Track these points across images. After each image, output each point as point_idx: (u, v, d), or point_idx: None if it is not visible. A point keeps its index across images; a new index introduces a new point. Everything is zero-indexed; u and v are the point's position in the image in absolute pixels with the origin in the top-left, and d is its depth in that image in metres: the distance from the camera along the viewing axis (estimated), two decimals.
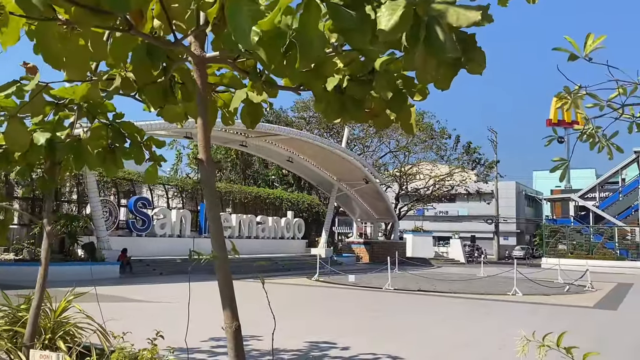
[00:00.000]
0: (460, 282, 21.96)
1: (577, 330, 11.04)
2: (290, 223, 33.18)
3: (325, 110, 3.31)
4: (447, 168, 44.94)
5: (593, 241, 38.92)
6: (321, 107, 3.30)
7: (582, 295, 18.42)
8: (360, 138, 46.71)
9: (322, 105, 3.28)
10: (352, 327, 10.49)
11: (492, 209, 60.75)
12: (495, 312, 13.63)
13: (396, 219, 40.44)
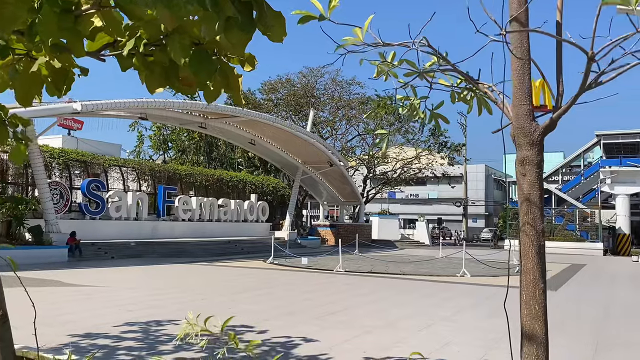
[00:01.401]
0: (415, 263, 22.11)
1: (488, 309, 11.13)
2: (254, 206, 32.93)
3: (147, 79, 3.10)
4: (414, 151, 45.06)
5: (555, 223, 39.56)
6: (142, 76, 3.08)
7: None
8: (328, 121, 46.50)
9: (143, 75, 3.07)
10: (279, 310, 10.38)
11: (462, 192, 61.39)
12: (433, 294, 13.67)
13: (362, 202, 40.50)
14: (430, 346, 7.60)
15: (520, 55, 2.47)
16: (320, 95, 46.44)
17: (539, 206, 2.59)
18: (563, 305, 12.29)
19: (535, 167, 2.59)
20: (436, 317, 10.12)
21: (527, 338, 2.66)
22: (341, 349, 7.31)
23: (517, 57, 2.48)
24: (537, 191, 2.60)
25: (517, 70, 2.59)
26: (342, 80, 45.46)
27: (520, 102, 2.63)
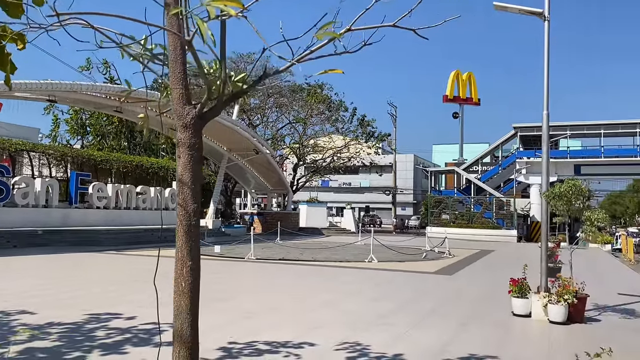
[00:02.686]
0: (330, 250, 22.47)
1: (377, 293, 11.56)
2: (176, 194, 32.26)
3: None
4: (343, 140, 45.60)
5: (473, 211, 41.30)
6: None
7: (436, 261, 19.42)
8: (258, 108, 46.13)
9: None
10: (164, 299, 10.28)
11: (392, 181, 62.85)
12: (333, 279, 13.96)
13: (290, 190, 40.63)
14: (301, 329, 7.77)
15: (172, 41, 2.51)
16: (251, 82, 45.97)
17: (191, 187, 2.68)
18: (451, 287, 12.90)
19: (188, 150, 2.68)
20: (323, 301, 10.35)
21: (175, 313, 2.77)
22: (209, 335, 7.33)
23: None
24: (189, 173, 2.69)
25: (171, 54, 2.65)
26: (272, 67, 45.14)
27: (174, 86, 2.70)
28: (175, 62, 2.68)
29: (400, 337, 7.45)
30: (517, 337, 7.88)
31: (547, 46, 9.64)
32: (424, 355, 6.49)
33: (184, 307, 2.73)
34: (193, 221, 2.77)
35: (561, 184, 9.53)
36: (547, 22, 9.58)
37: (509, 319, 9.09)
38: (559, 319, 8.70)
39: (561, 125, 42.56)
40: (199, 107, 2.77)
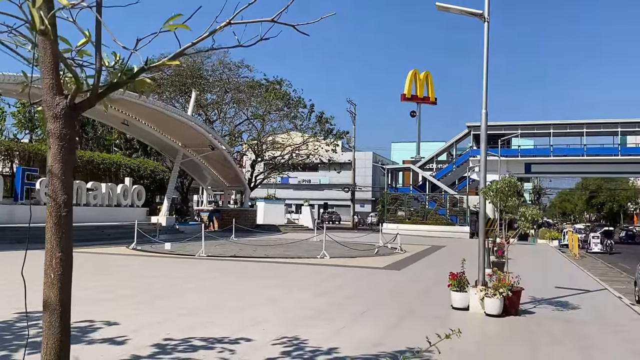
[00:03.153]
0: (284, 247, 22.49)
1: (322, 289, 11.67)
2: (128, 190, 31.59)
3: None
4: (302, 137, 45.64)
5: (428, 208, 42.07)
6: None
7: (387, 257, 19.71)
8: (216, 103, 45.63)
9: None
10: (106, 295, 10.10)
11: (351, 178, 63.32)
12: (281, 275, 14.00)
13: (247, 187, 40.40)
14: (241, 325, 7.77)
15: (41, 29, 2.48)
16: (208, 77, 45.42)
17: (61, 179, 2.67)
18: (397, 282, 13.13)
19: (58, 140, 2.67)
20: (268, 298, 10.37)
21: (44, 305, 2.77)
22: (145, 331, 7.26)
23: (38, 32, 2.50)
24: (59, 164, 2.69)
25: (40, 44, 2.63)
26: (230, 62, 44.78)
27: (44, 76, 2.69)
28: (45, 51, 2.63)
29: (339, 332, 7.55)
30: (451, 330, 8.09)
31: (487, 47, 9.92)
32: (359, 349, 6.60)
33: (53, 298, 2.70)
34: (63, 212, 2.73)
35: (497, 181, 9.84)
36: (487, 23, 9.86)
37: (448, 312, 9.34)
38: (495, 312, 8.99)
39: (512, 124, 43.86)
40: (69, 97, 2.74)
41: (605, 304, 11.17)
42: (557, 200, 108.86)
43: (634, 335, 8.12)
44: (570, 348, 7.13)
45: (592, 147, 42.67)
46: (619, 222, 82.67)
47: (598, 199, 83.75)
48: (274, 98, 43.90)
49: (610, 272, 22.18)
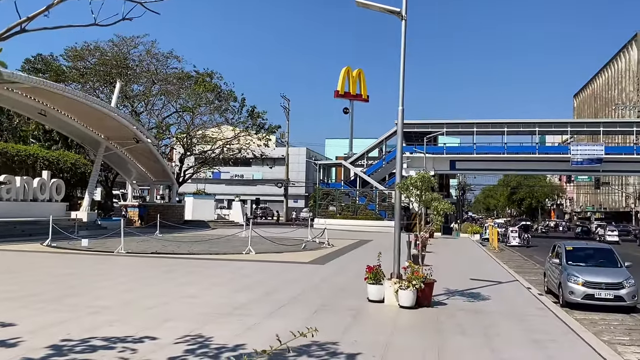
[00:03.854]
0: (210, 242, 22.04)
1: (241, 284, 11.54)
2: (46, 184, 29.84)
3: None
4: (233, 132, 44.94)
5: (358, 203, 42.68)
6: None
7: (314, 251, 19.77)
8: (142, 94, 44.01)
9: None
10: (8, 295, 9.47)
11: (285, 174, 63.18)
12: (201, 272, 13.69)
13: (174, 182, 39.32)
14: (149, 323, 7.48)
15: None
16: (135, 67, 43.73)
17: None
18: (319, 276, 13.17)
19: None
20: (184, 294, 10.08)
21: None
22: (43, 332, 6.83)
23: None
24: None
25: None
26: (158, 52, 43.32)
27: None
28: None
29: (251, 327, 7.44)
30: (363, 322, 8.19)
31: (404, 45, 10.09)
32: (266, 344, 6.48)
33: None
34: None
35: (412, 176, 10.06)
36: (404, 21, 10.02)
37: (363, 305, 9.45)
38: (408, 304, 9.19)
39: (438, 123, 45.29)
40: None
41: (515, 295, 11.71)
42: (481, 197, 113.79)
43: (536, 324, 8.53)
44: (475, 337, 7.39)
45: (512, 146, 44.84)
46: (537, 218, 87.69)
47: (518, 195, 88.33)
48: (204, 90, 42.93)
49: (525, 264, 23.41)
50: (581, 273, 12.56)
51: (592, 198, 77.44)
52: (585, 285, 12.19)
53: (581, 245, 15.14)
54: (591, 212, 75.96)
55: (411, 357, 6.37)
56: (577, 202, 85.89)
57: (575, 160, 42.11)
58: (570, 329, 8.22)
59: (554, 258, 14.28)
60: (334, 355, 6.09)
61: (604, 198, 73.17)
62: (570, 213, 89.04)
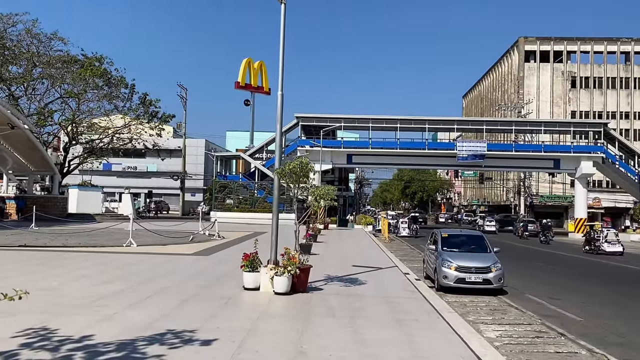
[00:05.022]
0: (89, 235, 20.73)
1: (110, 276, 10.94)
2: None
3: None
4: (123, 120, 42.59)
5: (257, 196, 42.34)
6: None
7: (202, 243, 19.24)
8: (21, 77, 40.36)
9: None
10: None
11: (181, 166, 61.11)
12: (73, 264, 12.76)
13: (56, 172, 36.55)
14: None
15: None
16: (13, 47, 39.95)
17: None
18: (199, 267, 12.78)
19: None
20: (43, 287, 9.25)
21: None
22: None
23: None
24: None
25: None
26: (40, 33, 39.90)
27: None
28: None
29: (106, 319, 6.95)
30: (232, 309, 7.99)
31: (283, 29, 9.96)
32: (122, 334, 6.09)
33: None
34: None
35: (291, 162, 10.00)
36: (284, 4, 9.89)
37: (237, 293, 9.24)
38: (282, 290, 9.10)
39: (336, 117, 46.08)
40: None
41: (391, 280, 12.08)
42: (378, 191, 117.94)
43: (403, 306, 8.80)
44: (342, 319, 7.44)
45: (405, 141, 46.71)
46: (428, 211, 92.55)
47: (411, 189, 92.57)
48: (92, 75, 40.23)
49: (411, 252, 24.48)
50: (454, 258, 13.18)
51: (478, 192, 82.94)
52: (458, 270, 12.82)
53: (455, 233, 15.98)
54: (476, 205, 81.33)
55: (272, 340, 6.26)
56: (465, 196, 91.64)
57: (460, 156, 44.74)
58: (435, 310, 8.57)
59: (431, 245, 14.94)
60: (188, 342, 5.83)
61: (488, 192, 78.68)
62: (458, 206, 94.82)
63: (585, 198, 46.93)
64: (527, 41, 68.20)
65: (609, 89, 66.68)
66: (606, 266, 21.72)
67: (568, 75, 67.12)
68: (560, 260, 24.08)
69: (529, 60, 68.08)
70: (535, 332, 8.78)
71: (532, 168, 50.57)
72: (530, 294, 12.87)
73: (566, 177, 56.57)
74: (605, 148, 45.44)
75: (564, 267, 20.72)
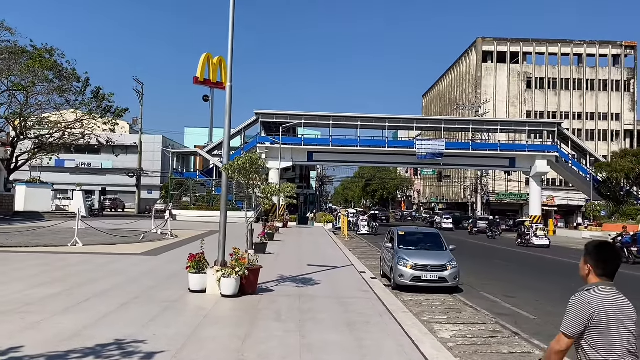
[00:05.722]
0: (34, 235, 19.70)
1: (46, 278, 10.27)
2: None
3: None
4: (75, 115, 40.95)
5: (215, 193, 41.50)
6: None
7: (153, 242, 18.53)
8: None
9: None
10: None
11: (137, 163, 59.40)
12: (5, 265, 11.94)
13: (1, 168, 34.81)
14: None
15: None
16: None
17: None
18: (145, 268, 12.17)
19: None
20: None
21: None
22: None
23: None
24: None
25: None
26: None
27: None
28: None
29: (31, 326, 6.36)
30: (173, 314, 7.48)
31: (232, 18, 9.50)
32: (42, 345, 5.53)
33: None
34: None
35: (240, 157, 9.56)
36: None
37: (182, 296, 8.74)
38: (230, 292, 8.66)
39: (297, 114, 45.66)
40: None
41: (346, 279, 11.79)
42: (340, 189, 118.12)
43: (355, 307, 8.49)
44: (289, 323, 7.07)
45: (365, 139, 46.70)
46: (389, 208, 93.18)
47: (372, 186, 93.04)
48: (41, 67, 38.47)
49: (370, 250, 24.33)
50: (410, 256, 12.97)
51: (437, 190, 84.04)
52: (414, 268, 12.62)
53: (412, 230, 15.83)
54: (435, 203, 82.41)
55: (211, 348, 5.82)
56: (424, 194, 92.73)
57: (420, 154, 45.08)
58: (387, 311, 8.30)
59: (388, 243, 14.73)
60: (116, 352, 5.32)
61: (446, 190, 79.80)
62: (418, 204, 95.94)
63: (540, 196, 48.08)
64: (485, 42, 69.47)
65: (562, 90, 68.65)
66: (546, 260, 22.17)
67: (524, 75, 68.73)
68: (495, 252, 26.18)
69: (487, 60, 69.36)
70: (490, 331, 8.63)
71: (488, 166, 51.47)
72: (485, 292, 12.80)
73: (521, 175, 57.87)
74: (559, 147, 46.66)
75: (500, 260, 21.99)
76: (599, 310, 2.77)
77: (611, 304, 2.79)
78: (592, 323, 2.77)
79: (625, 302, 2.86)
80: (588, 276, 2.95)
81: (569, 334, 2.81)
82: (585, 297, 2.82)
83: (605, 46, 69.19)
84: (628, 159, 44.85)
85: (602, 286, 2.86)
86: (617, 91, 68.93)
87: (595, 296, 2.81)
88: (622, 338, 2.78)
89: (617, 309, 2.79)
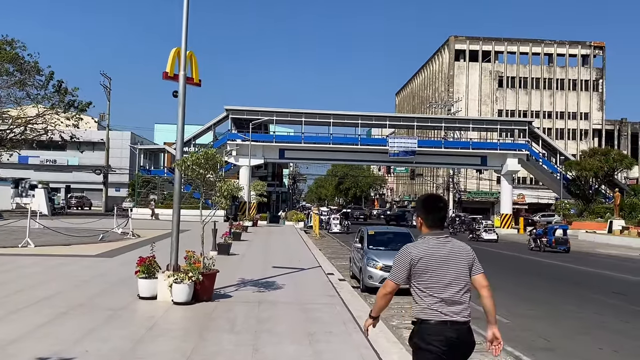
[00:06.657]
0: None
1: None
2: None
3: None
4: (36, 109, 39.34)
5: (184, 191, 40.40)
6: None
7: (112, 243, 17.67)
8: None
9: None
10: None
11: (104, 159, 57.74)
12: None
13: None
14: None
15: None
16: None
17: None
18: (96, 271, 11.38)
19: None
20: None
21: None
22: None
23: None
24: None
25: None
26: None
27: None
28: None
29: None
30: (115, 325, 6.76)
31: (187, 5, 8.82)
32: None
33: None
34: None
35: (194, 153, 8.89)
36: None
37: (130, 303, 8.03)
38: (182, 299, 7.98)
39: (268, 111, 44.86)
40: None
41: (312, 282, 11.20)
42: (314, 187, 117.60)
43: (319, 314, 7.91)
44: (243, 334, 6.44)
45: (338, 137, 46.16)
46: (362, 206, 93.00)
47: (345, 184, 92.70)
48: (0, 60, 36.83)
49: (341, 250, 23.80)
50: (380, 257, 12.44)
51: (409, 188, 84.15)
52: (384, 270, 12.09)
53: (382, 230, 15.36)
54: (408, 201, 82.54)
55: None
56: (397, 192, 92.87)
57: (392, 152, 44.78)
58: (353, 318, 7.74)
59: (358, 243, 14.20)
60: None
61: (419, 188, 79.98)
62: (390, 202, 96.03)
63: (511, 194, 48.37)
64: (457, 40, 69.73)
65: (533, 89, 69.41)
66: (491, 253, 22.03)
67: (495, 74, 69.25)
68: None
69: (459, 59, 69.65)
70: None
71: (460, 164, 51.56)
72: None
73: (493, 173, 58.22)
74: (530, 146, 46.97)
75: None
76: (417, 258, 3.18)
77: (432, 253, 3.19)
78: (413, 269, 3.20)
79: (455, 246, 3.25)
80: (421, 228, 3.34)
81: (392, 279, 3.30)
82: (408, 247, 3.26)
83: (575, 46, 70.21)
84: (597, 158, 45.43)
85: (429, 236, 3.26)
86: (586, 91, 70.05)
87: (416, 246, 3.24)
88: (437, 281, 3.18)
89: (438, 256, 3.20)
